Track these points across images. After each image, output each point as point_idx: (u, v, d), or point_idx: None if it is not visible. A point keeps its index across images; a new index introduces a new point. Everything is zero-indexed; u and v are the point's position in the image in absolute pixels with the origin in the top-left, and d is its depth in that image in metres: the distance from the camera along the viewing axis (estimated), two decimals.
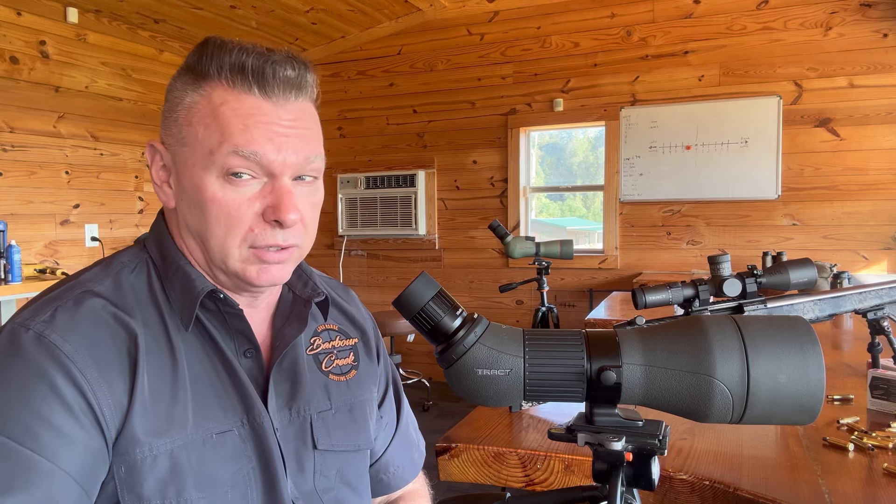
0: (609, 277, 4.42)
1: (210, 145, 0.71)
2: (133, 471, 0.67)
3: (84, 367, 0.66)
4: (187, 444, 0.70)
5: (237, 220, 0.72)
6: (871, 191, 3.81)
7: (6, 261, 3.17)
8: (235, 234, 0.73)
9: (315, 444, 0.81)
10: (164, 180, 0.77)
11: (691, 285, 1.14)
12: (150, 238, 0.81)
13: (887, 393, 1.24)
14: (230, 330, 0.77)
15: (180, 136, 0.74)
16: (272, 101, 0.73)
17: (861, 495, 0.91)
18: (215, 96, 0.72)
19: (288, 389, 0.81)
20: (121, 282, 0.74)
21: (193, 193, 0.73)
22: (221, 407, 0.74)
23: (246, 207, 0.72)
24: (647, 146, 4.24)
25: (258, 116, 0.72)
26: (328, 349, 0.88)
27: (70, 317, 0.68)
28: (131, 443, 0.67)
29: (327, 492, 0.82)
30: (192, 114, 0.73)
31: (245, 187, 0.72)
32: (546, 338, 0.61)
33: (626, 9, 4.26)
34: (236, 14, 4.19)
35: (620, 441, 0.60)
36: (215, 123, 0.71)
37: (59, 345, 0.66)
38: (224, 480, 0.72)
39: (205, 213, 0.73)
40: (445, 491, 2.93)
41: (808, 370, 0.56)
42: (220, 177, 0.72)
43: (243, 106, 0.72)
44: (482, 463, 1.13)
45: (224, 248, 0.73)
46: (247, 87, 0.72)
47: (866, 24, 3.76)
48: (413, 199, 4.82)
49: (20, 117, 3.62)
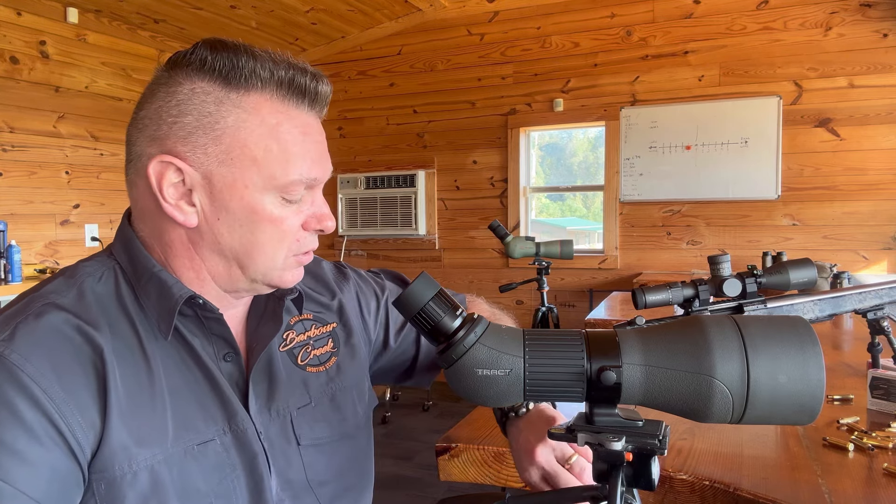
0: (609, 277, 4.42)
1: (272, 169, 0.71)
2: (113, 487, 0.66)
3: (48, 387, 0.63)
4: (168, 458, 0.69)
5: (288, 234, 0.74)
6: (871, 191, 3.81)
7: (6, 261, 3.17)
8: (284, 247, 0.74)
9: (298, 440, 0.80)
10: (181, 198, 0.71)
11: (691, 285, 1.14)
12: (118, 245, 0.77)
13: (887, 393, 1.24)
14: (208, 335, 0.76)
15: (226, 157, 0.70)
16: (314, 115, 0.76)
17: (861, 495, 0.91)
18: (267, 114, 0.71)
19: (265, 389, 0.79)
20: (84, 292, 0.71)
21: (245, 215, 0.71)
22: (202, 416, 0.72)
23: (294, 221, 0.75)
24: (647, 146, 4.24)
25: (313, 136, 0.74)
26: (303, 341, 0.86)
27: (31, 333, 0.65)
28: (109, 459, 0.65)
29: (323, 485, 0.81)
30: (244, 134, 0.70)
31: (295, 203, 0.75)
32: (546, 338, 0.61)
33: (626, 9, 4.26)
34: (236, 14, 4.19)
35: (620, 441, 0.60)
36: (278, 147, 0.71)
37: (21, 365, 0.63)
38: (207, 492, 0.71)
39: (255, 233, 0.72)
40: (445, 491, 2.93)
41: (808, 370, 0.56)
42: (279, 197, 0.72)
43: (296, 125, 0.73)
44: (482, 463, 1.13)
45: (272, 262, 0.74)
46: (297, 102, 0.73)
47: (866, 24, 3.76)
48: (413, 199, 4.81)
49: (20, 117, 3.62)
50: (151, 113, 0.72)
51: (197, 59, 0.71)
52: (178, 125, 0.70)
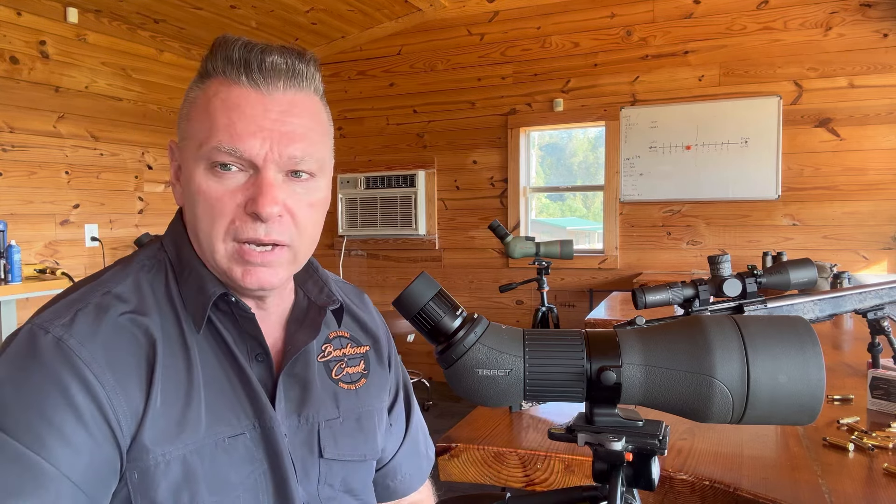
0: (609, 277, 4.42)
1: (200, 138, 0.72)
2: (146, 476, 0.67)
3: (100, 373, 0.66)
4: (200, 449, 0.70)
5: (220, 211, 0.72)
6: (871, 191, 3.81)
7: (6, 261, 3.16)
8: (219, 227, 0.72)
9: (321, 452, 0.81)
10: (177, 179, 0.78)
11: (691, 285, 1.14)
12: (167, 237, 0.80)
13: (887, 393, 1.24)
14: (242, 334, 0.77)
15: (184, 132, 0.75)
16: (260, 91, 0.72)
17: (861, 495, 0.91)
18: (210, 90, 0.73)
19: (298, 395, 0.80)
20: (140, 283, 0.74)
21: (187, 187, 0.74)
22: (233, 410, 0.74)
23: (228, 199, 0.72)
24: (647, 146, 4.24)
25: (244, 107, 0.71)
26: (339, 357, 0.87)
27: (90, 321, 0.68)
28: (144, 448, 0.67)
29: (330, 500, 0.82)
30: (192, 108, 0.75)
31: (230, 179, 0.72)
32: (546, 338, 0.61)
33: (626, 9, 4.26)
34: (236, 14, 4.19)
35: (620, 441, 0.60)
36: (205, 116, 0.72)
37: (77, 351, 0.66)
38: (236, 484, 0.72)
39: (193, 206, 0.73)
40: (445, 491, 2.93)
41: (808, 370, 0.56)
42: (207, 169, 0.72)
43: (231, 96, 0.71)
44: (482, 463, 1.13)
45: (210, 241, 0.73)
46: (235, 76, 0.72)
47: (866, 24, 3.76)
48: (413, 199, 4.81)
49: (20, 117, 3.62)
50: None
51: None
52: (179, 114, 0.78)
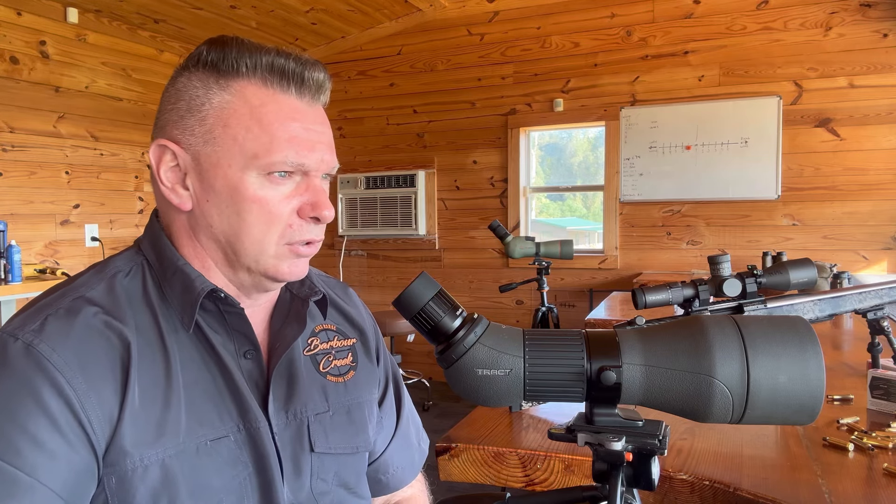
0: (609, 277, 4.42)
1: (254, 149, 0.71)
2: (124, 481, 0.66)
3: (72, 377, 0.65)
4: (180, 453, 0.69)
5: (277, 217, 0.73)
6: (871, 191, 3.81)
7: (6, 261, 3.16)
8: (274, 232, 0.73)
9: (312, 446, 0.80)
10: (177, 182, 0.75)
11: (691, 285, 1.14)
12: (145, 240, 0.79)
13: (887, 393, 1.24)
14: (230, 330, 0.76)
15: (210, 136, 0.73)
16: (304, 102, 0.75)
17: (861, 495, 0.91)
18: (250, 96, 0.72)
19: (285, 391, 0.79)
20: (114, 287, 0.73)
21: (228, 194, 0.73)
22: (217, 412, 0.73)
23: (284, 205, 0.74)
24: (647, 146, 4.24)
25: (299, 120, 0.73)
26: (326, 350, 0.87)
27: (60, 326, 0.67)
28: (121, 453, 0.66)
29: (324, 495, 0.81)
30: (227, 114, 0.72)
31: (284, 186, 0.74)
32: (546, 338, 0.61)
33: (626, 9, 4.26)
34: (236, 14, 4.19)
35: (620, 441, 0.60)
36: (259, 127, 0.72)
37: (48, 355, 0.64)
38: (219, 488, 0.71)
39: (241, 213, 0.73)
40: (445, 491, 2.93)
41: (808, 370, 0.56)
42: (262, 176, 0.72)
43: (282, 108, 0.73)
44: (482, 463, 1.13)
45: (261, 246, 0.74)
46: (282, 87, 0.73)
47: (866, 24, 3.76)
48: (413, 199, 4.81)
49: (20, 117, 3.62)
50: (159, 108, 0.78)
51: (195, 54, 0.75)
52: (173, 111, 0.75)
